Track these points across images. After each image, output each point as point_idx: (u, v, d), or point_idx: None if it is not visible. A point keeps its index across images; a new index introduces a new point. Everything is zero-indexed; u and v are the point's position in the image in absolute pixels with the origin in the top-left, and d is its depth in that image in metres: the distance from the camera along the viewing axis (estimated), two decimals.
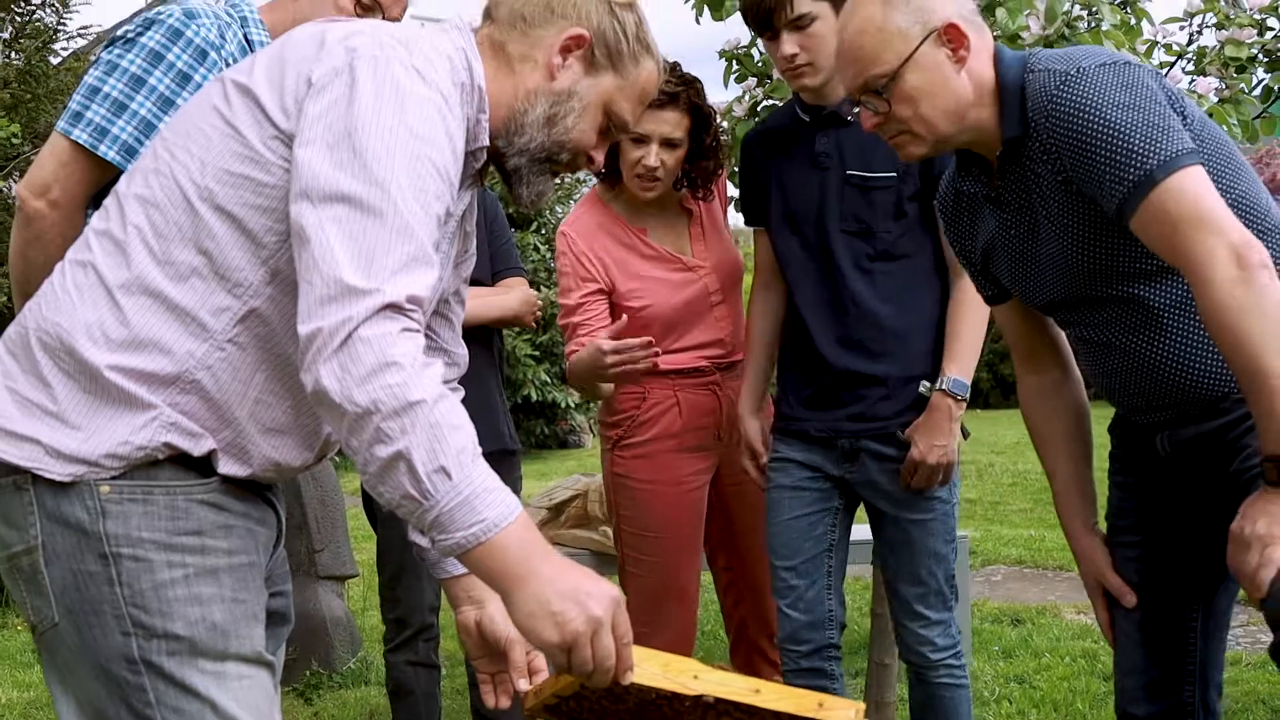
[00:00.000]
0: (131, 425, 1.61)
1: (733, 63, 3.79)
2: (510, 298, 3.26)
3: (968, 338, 2.80)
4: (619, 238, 3.14)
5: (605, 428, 3.25)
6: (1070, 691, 4.42)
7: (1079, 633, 5.30)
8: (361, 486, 4.25)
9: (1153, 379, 2.11)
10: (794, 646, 2.92)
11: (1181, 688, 2.23)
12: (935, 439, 2.78)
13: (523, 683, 1.85)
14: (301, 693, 4.67)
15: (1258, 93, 3.33)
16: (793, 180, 2.90)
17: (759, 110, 3.54)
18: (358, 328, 1.46)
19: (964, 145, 2.15)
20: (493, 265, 3.28)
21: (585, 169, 1.95)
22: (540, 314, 3.40)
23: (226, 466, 1.68)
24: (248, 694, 1.66)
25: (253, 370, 1.67)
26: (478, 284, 3.18)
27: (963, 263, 2.41)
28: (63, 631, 1.63)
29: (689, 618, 3.23)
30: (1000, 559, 7.10)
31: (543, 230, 14.22)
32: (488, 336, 3.26)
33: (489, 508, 1.49)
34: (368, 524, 3.49)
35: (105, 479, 1.61)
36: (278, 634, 1.90)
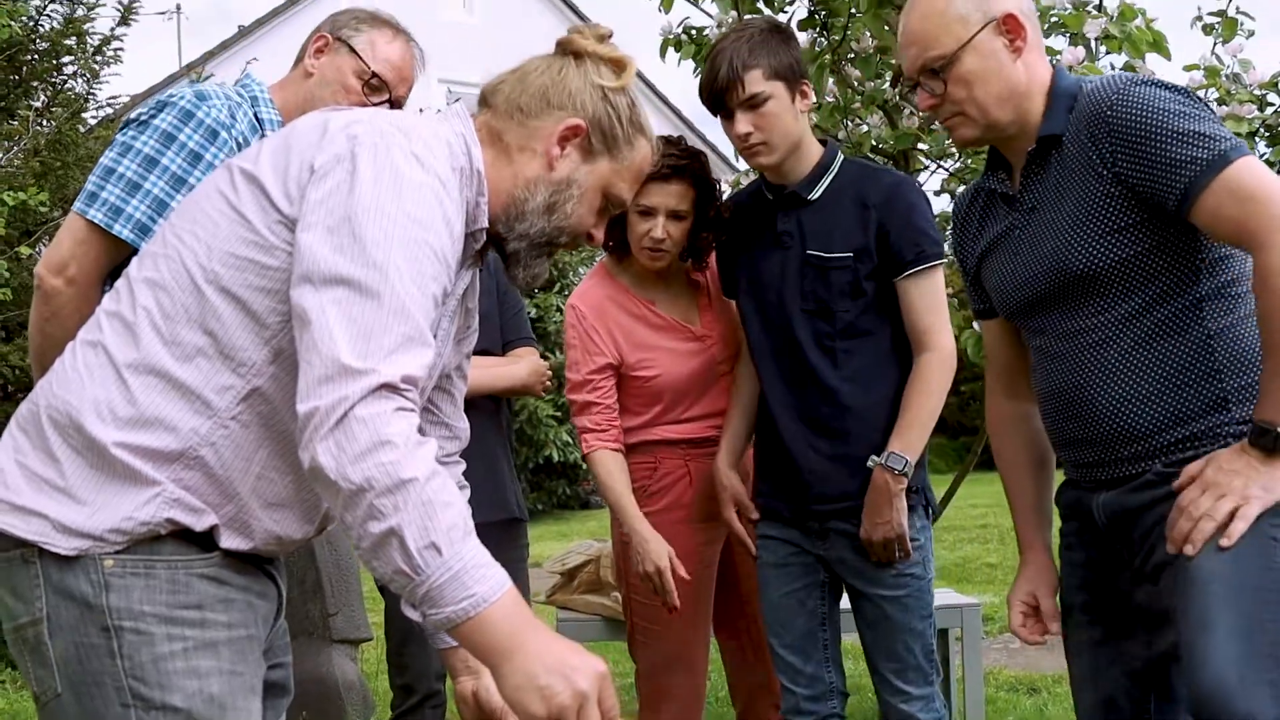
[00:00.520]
0: (136, 501, 1.66)
1: None
2: (519, 368, 3.30)
3: (916, 414, 2.81)
4: (628, 308, 3.19)
5: None
6: None
7: None
8: None
9: (1093, 398, 2.17)
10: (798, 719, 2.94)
11: None
12: (876, 515, 2.79)
13: None
14: None
15: None
16: (757, 258, 2.95)
17: None
18: (353, 407, 1.51)
19: (1006, 139, 2.23)
20: (503, 335, 3.33)
21: (585, 245, 2.01)
22: (552, 381, 3.44)
23: (228, 541, 1.73)
24: None
25: (255, 447, 1.71)
26: (488, 354, 3.24)
27: (960, 272, 2.47)
28: (65, 702, 1.66)
29: (697, 687, 3.23)
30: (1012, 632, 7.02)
31: (565, 291, 14.30)
32: (495, 406, 3.31)
33: (478, 583, 1.53)
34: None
35: (109, 553, 1.65)
36: (277, 705, 1.93)
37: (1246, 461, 1.99)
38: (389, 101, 2.59)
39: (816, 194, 2.86)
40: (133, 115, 2.42)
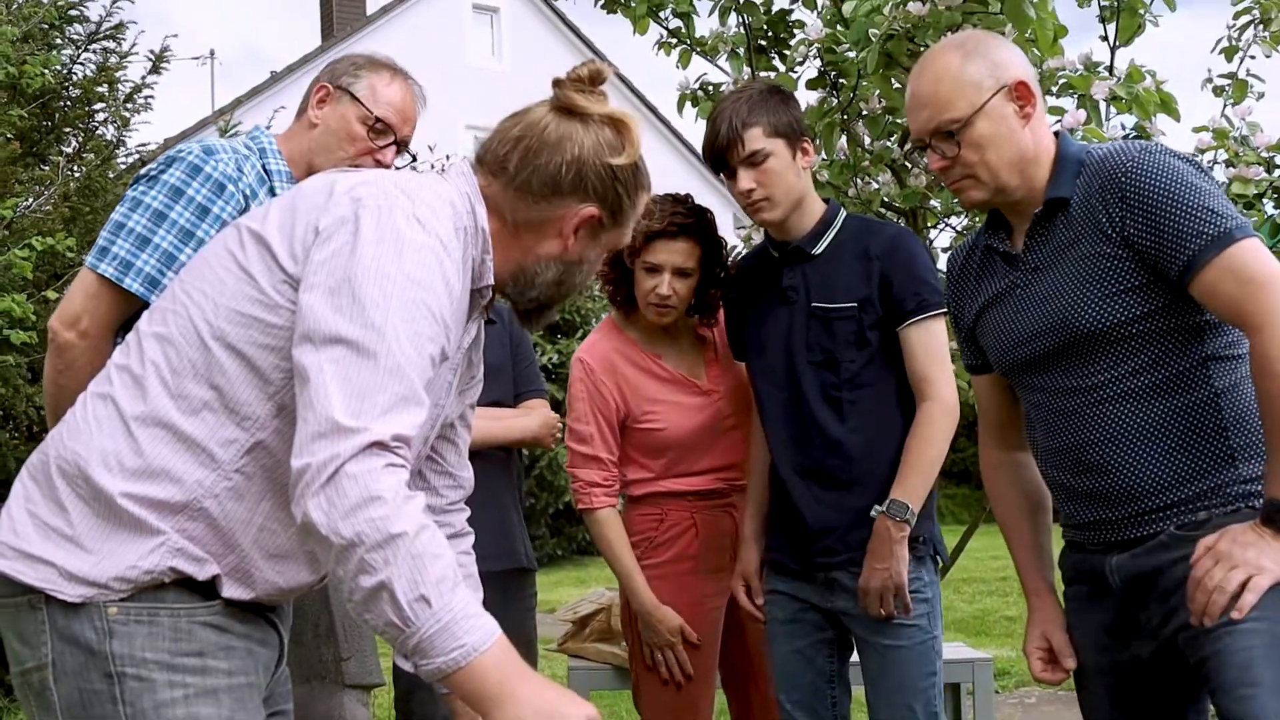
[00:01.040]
0: (140, 550, 1.70)
1: None
2: (530, 420, 3.34)
3: (917, 462, 2.82)
4: (635, 362, 3.23)
5: None
6: None
7: None
8: None
9: (1102, 455, 2.19)
10: None
11: None
12: (875, 561, 2.79)
13: None
14: None
15: (1266, 229, 3.40)
16: (764, 315, 2.98)
17: None
18: (344, 464, 1.55)
19: (1011, 202, 2.27)
20: (516, 386, 3.38)
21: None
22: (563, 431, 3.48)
23: (230, 590, 1.77)
24: None
25: (259, 499, 1.76)
26: (499, 405, 3.29)
27: (954, 328, 2.51)
28: None
29: None
30: (1035, 681, 6.98)
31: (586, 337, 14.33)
32: (505, 455, 3.35)
33: (468, 633, 1.57)
34: None
35: (114, 601, 1.70)
36: None
37: (1258, 535, 2.02)
38: (395, 143, 2.64)
39: (820, 248, 2.91)
40: (143, 170, 2.49)
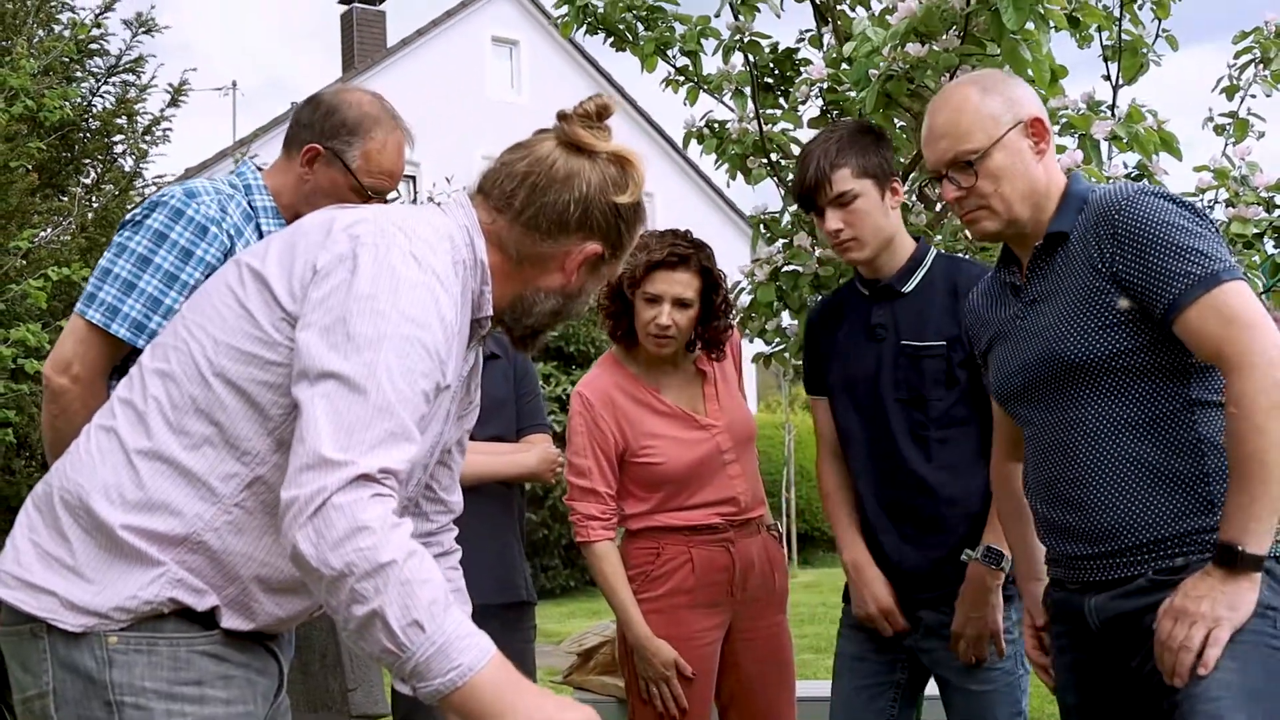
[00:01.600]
0: (140, 581, 1.74)
1: (761, 227, 3.96)
2: (530, 455, 3.37)
3: (993, 513, 2.77)
4: (634, 396, 3.26)
5: None
6: None
7: None
8: None
9: (1084, 491, 2.22)
10: None
11: None
12: (971, 609, 2.78)
13: None
14: None
15: (1265, 268, 3.42)
16: (851, 351, 2.98)
17: (780, 274, 3.69)
18: (331, 496, 1.59)
19: (1019, 235, 2.33)
20: (518, 421, 3.41)
21: None
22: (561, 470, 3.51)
23: (230, 621, 1.81)
24: None
25: (259, 534, 1.79)
26: (501, 440, 3.33)
27: (977, 356, 2.56)
28: None
29: None
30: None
31: None
32: (506, 488, 3.38)
33: (463, 654, 1.61)
34: None
35: (114, 630, 1.74)
36: None
37: (1210, 584, 2.05)
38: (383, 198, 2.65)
39: (910, 286, 2.92)
40: (128, 216, 2.54)
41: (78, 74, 6.61)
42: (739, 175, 4.03)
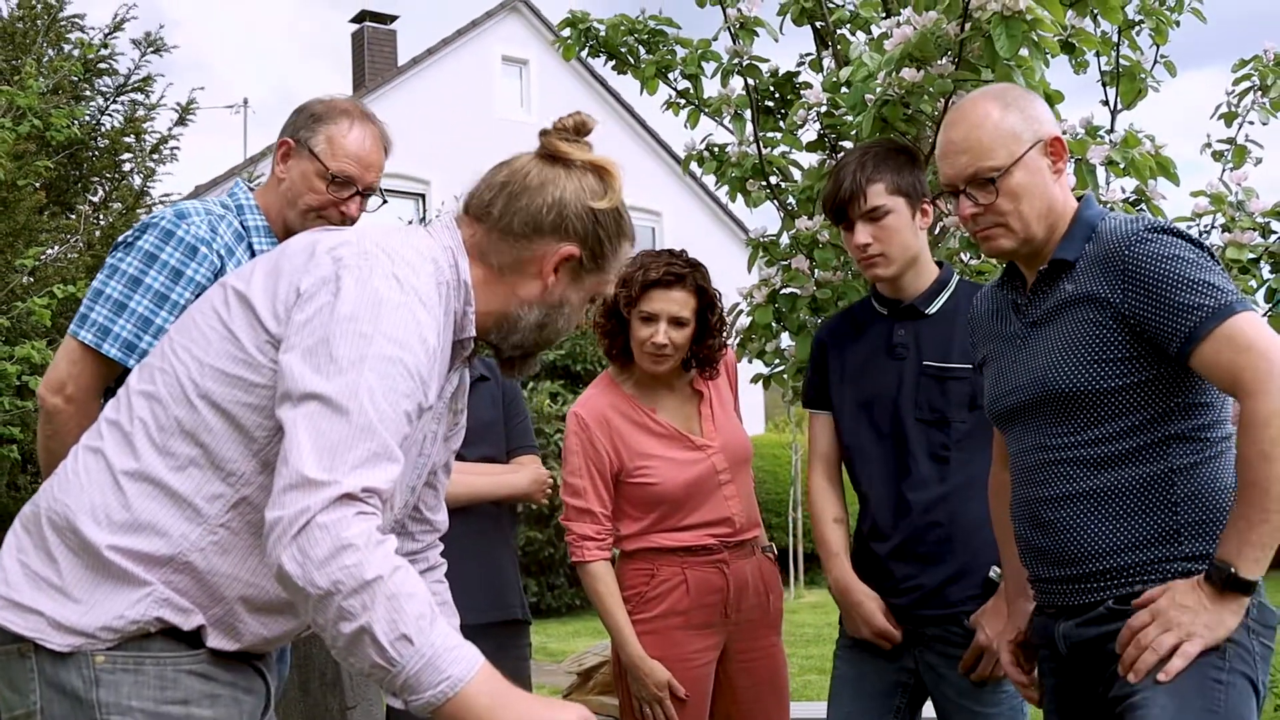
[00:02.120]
0: (127, 601, 1.76)
1: (759, 249, 3.98)
2: (520, 477, 3.39)
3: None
4: (629, 416, 3.27)
5: None
6: None
7: None
8: None
9: (1054, 514, 2.24)
10: None
11: None
12: (994, 627, 2.73)
13: None
14: None
15: (1261, 293, 3.43)
16: (867, 369, 2.97)
17: (777, 296, 3.70)
18: (315, 516, 1.60)
19: (1027, 254, 2.32)
20: (508, 443, 3.43)
21: None
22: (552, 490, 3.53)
23: (215, 641, 1.82)
24: None
25: (245, 553, 1.81)
26: (492, 461, 3.34)
27: (976, 366, 2.56)
28: None
29: None
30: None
31: None
32: (498, 510, 3.39)
33: (452, 665, 1.63)
34: None
35: (101, 650, 1.75)
36: None
37: (1198, 598, 2.07)
38: (358, 192, 2.66)
39: (935, 308, 2.93)
40: (121, 238, 2.56)
41: (86, 93, 6.67)
42: (739, 197, 4.06)
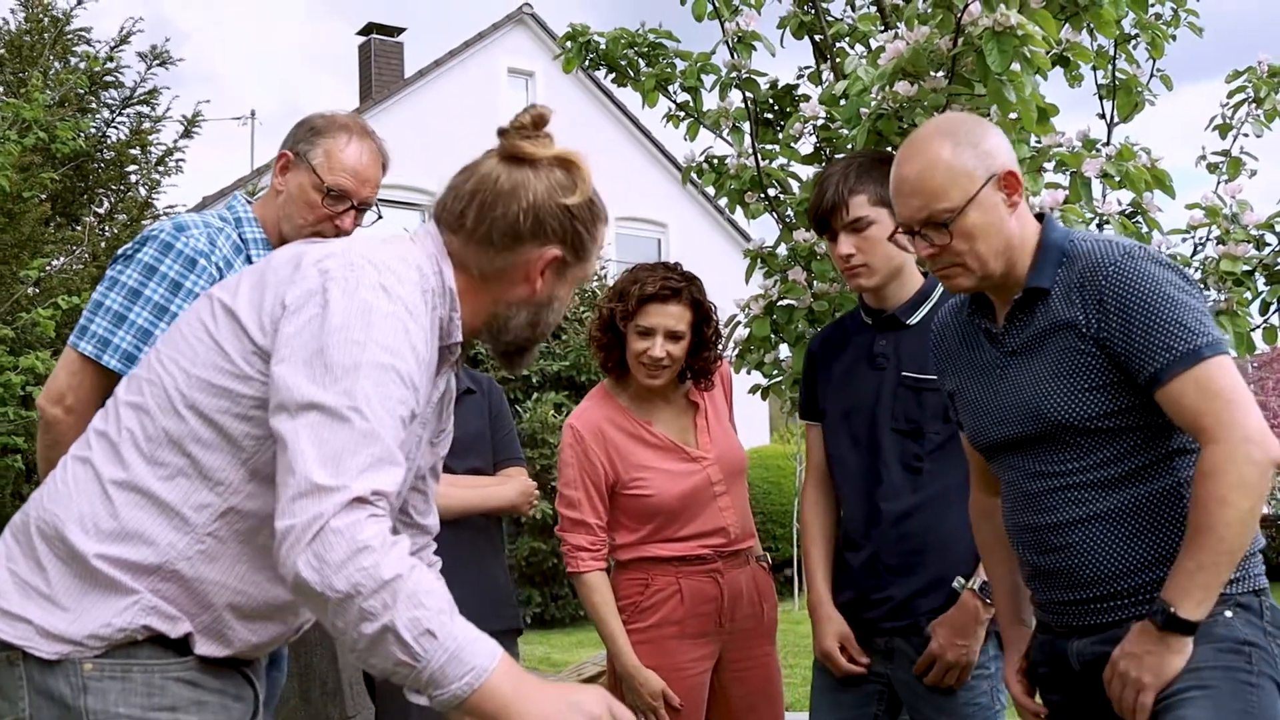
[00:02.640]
0: (114, 609, 1.77)
1: (757, 261, 3.99)
2: (508, 489, 3.41)
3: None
4: (624, 428, 3.29)
5: None
6: None
7: None
8: None
9: (1067, 538, 2.23)
10: None
11: None
12: (957, 636, 2.78)
13: None
14: None
15: (1255, 305, 3.42)
16: (850, 379, 2.99)
17: (774, 308, 3.71)
18: (329, 521, 1.62)
19: (993, 285, 2.29)
20: (495, 454, 3.46)
21: None
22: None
23: (203, 648, 1.84)
24: None
25: (233, 561, 1.83)
26: (479, 473, 3.37)
27: (940, 384, 2.55)
28: None
29: None
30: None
31: None
32: (487, 520, 3.42)
33: (475, 656, 1.65)
34: None
35: (89, 657, 1.77)
36: None
37: (1143, 644, 2.09)
38: (353, 206, 2.68)
39: (916, 319, 2.93)
40: (121, 250, 2.58)
41: (92, 106, 6.70)
42: (739, 208, 4.07)
